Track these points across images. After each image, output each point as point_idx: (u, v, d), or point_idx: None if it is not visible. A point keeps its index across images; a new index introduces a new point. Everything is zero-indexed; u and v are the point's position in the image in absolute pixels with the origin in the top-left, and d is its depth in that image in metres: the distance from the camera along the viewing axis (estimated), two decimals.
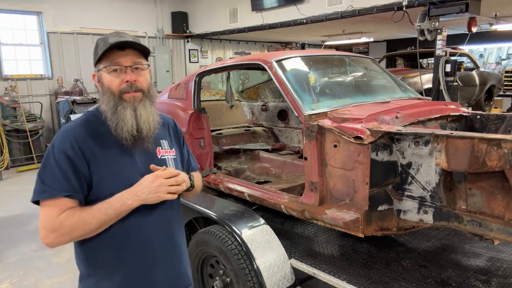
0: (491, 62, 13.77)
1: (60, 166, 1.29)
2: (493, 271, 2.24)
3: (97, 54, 1.37)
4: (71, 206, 1.30)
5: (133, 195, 1.30)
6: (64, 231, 1.28)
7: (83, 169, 1.31)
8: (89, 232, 1.30)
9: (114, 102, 1.36)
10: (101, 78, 1.39)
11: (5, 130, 7.77)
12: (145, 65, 1.42)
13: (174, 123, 1.66)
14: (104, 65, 1.37)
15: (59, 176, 1.29)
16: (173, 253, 1.51)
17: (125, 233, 1.37)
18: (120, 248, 1.38)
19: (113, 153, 1.37)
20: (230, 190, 3.06)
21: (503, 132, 2.63)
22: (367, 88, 3.17)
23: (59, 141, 1.33)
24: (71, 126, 1.38)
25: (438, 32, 6.08)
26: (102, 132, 1.37)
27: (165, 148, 1.51)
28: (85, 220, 1.27)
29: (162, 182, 1.32)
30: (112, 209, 1.29)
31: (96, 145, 1.35)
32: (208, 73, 3.50)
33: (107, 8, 9.74)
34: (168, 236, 1.49)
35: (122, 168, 1.37)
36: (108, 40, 1.36)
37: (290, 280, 2.36)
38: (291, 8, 8.14)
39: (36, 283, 3.56)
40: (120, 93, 1.36)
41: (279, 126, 4.43)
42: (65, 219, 1.27)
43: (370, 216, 2.16)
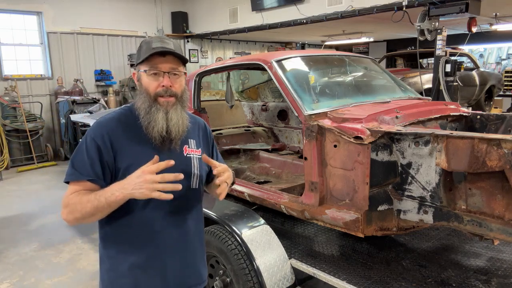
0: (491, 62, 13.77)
1: (88, 153, 1.40)
2: (493, 271, 2.24)
3: (140, 56, 1.48)
4: (91, 189, 1.39)
5: (120, 187, 1.32)
6: (70, 210, 1.37)
7: (109, 158, 1.41)
8: (86, 215, 1.36)
9: (149, 103, 1.45)
10: (140, 78, 1.49)
11: (5, 130, 7.77)
12: (182, 72, 1.50)
13: (205, 125, 1.73)
14: (145, 68, 1.46)
15: (86, 162, 1.40)
16: (185, 248, 1.55)
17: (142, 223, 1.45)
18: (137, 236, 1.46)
19: (141, 148, 1.46)
20: (230, 190, 3.06)
21: (503, 132, 2.63)
22: (367, 88, 3.17)
23: (93, 131, 1.45)
24: (106, 119, 1.49)
25: (438, 32, 6.08)
26: (134, 127, 1.47)
27: (191, 147, 1.58)
28: (82, 203, 1.35)
29: (146, 179, 1.27)
30: (104, 197, 1.33)
31: (125, 138, 1.45)
32: (208, 73, 3.50)
33: (107, 8, 9.73)
34: (181, 231, 1.54)
35: (147, 161, 1.38)
36: (151, 45, 1.45)
37: (290, 280, 2.36)
38: (291, 8, 8.14)
39: (36, 283, 3.56)
40: (156, 95, 1.45)
41: (279, 126, 4.43)
42: (72, 198, 1.38)
43: (370, 216, 2.16)
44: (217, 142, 4.02)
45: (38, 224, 4.96)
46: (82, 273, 3.70)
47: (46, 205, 5.58)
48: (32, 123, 8.14)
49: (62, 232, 4.63)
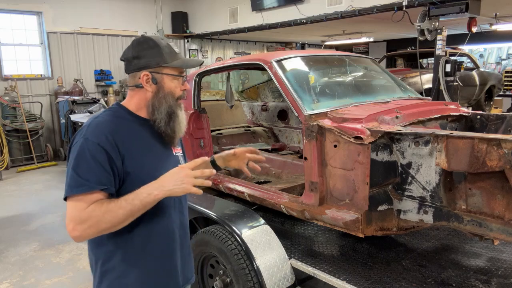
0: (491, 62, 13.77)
1: (96, 159, 1.32)
2: (493, 271, 2.24)
3: (165, 59, 1.47)
4: (102, 198, 1.32)
5: (159, 185, 1.32)
6: (92, 223, 1.28)
7: (117, 162, 1.36)
8: (116, 224, 1.31)
9: (172, 105, 1.50)
10: (161, 82, 1.48)
11: (5, 130, 7.77)
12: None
13: None
14: (172, 72, 1.49)
15: (96, 169, 1.31)
16: (187, 242, 1.65)
17: (152, 223, 1.45)
18: (147, 239, 1.45)
19: (145, 147, 1.46)
20: (230, 190, 3.06)
21: (503, 132, 2.63)
22: (367, 88, 3.17)
23: (93, 135, 1.36)
24: (102, 121, 1.42)
25: (438, 32, 6.08)
26: (132, 127, 1.46)
27: (176, 146, 1.62)
28: (112, 211, 1.29)
29: (187, 173, 1.32)
30: (139, 199, 1.30)
31: (128, 139, 1.42)
32: (208, 73, 3.50)
33: (107, 8, 9.74)
34: (184, 225, 1.61)
35: (153, 163, 1.45)
36: (172, 48, 1.50)
37: (290, 280, 2.36)
38: (291, 8, 8.14)
39: (36, 283, 3.56)
40: (178, 98, 1.52)
41: (279, 126, 4.43)
42: (93, 211, 1.28)
43: (370, 216, 2.16)
44: (217, 142, 4.03)
45: (38, 224, 4.95)
46: (82, 273, 3.70)
47: (46, 205, 5.58)
48: (32, 123, 8.13)
49: (62, 232, 4.63)
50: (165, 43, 1.50)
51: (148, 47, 1.47)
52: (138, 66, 1.47)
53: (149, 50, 1.47)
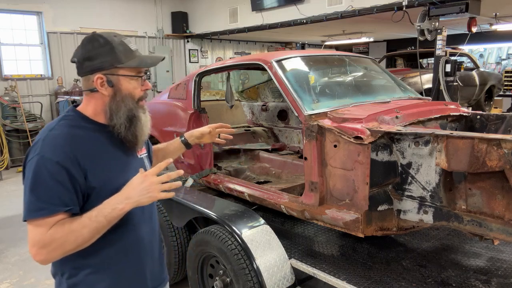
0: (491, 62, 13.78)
1: (56, 179, 1.21)
2: (493, 271, 2.24)
3: (119, 59, 1.33)
4: (65, 217, 1.23)
5: (124, 198, 1.25)
6: (56, 245, 1.20)
7: (80, 179, 1.25)
8: (82, 243, 1.24)
9: (133, 108, 1.38)
10: (117, 84, 1.35)
11: (5, 130, 7.76)
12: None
13: None
14: (128, 72, 1.36)
15: (56, 190, 1.21)
16: (158, 248, 1.58)
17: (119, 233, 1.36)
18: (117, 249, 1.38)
19: (107, 158, 1.35)
20: (230, 190, 3.06)
21: (503, 132, 2.63)
22: (367, 88, 3.17)
23: (50, 150, 1.24)
24: (57, 134, 1.29)
25: (438, 32, 6.08)
26: (91, 137, 1.34)
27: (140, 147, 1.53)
28: (76, 231, 1.21)
29: (152, 181, 1.25)
30: (103, 215, 1.23)
31: (89, 152, 1.30)
32: (208, 73, 3.50)
33: (107, 8, 9.74)
34: (153, 231, 1.54)
35: (118, 173, 1.36)
36: (127, 46, 1.36)
37: (290, 280, 2.36)
38: (291, 8, 8.14)
39: (36, 283, 3.56)
40: (139, 100, 1.40)
41: (279, 126, 4.43)
42: (55, 233, 1.20)
43: (370, 216, 2.16)
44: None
45: None
46: None
47: None
48: (32, 123, 8.13)
49: None
50: (119, 41, 1.36)
51: (99, 45, 1.34)
52: (91, 68, 1.33)
53: (101, 49, 1.33)
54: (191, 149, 3.37)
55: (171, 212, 3.03)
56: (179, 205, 2.94)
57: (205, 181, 3.30)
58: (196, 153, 3.36)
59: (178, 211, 2.97)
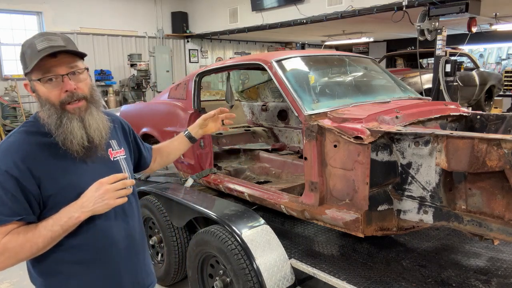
0: (491, 62, 13.78)
1: (6, 189, 1.18)
2: (493, 271, 2.24)
3: (26, 64, 1.24)
4: (19, 226, 1.21)
5: (79, 207, 1.21)
6: (10, 254, 1.18)
7: (32, 189, 1.21)
8: (37, 252, 1.22)
9: (57, 115, 1.25)
10: (35, 90, 1.27)
11: (5, 130, 7.77)
12: (83, 68, 1.31)
13: (120, 120, 1.60)
14: (37, 76, 1.23)
15: (6, 200, 1.18)
16: (139, 253, 1.49)
17: (90, 241, 1.33)
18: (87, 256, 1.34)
19: (64, 164, 1.28)
20: (230, 190, 3.06)
21: (503, 132, 2.63)
22: (367, 88, 3.17)
23: (1, 160, 1.21)
24: (11, 142, 1.26)
25: (438, 32, 6.09)
26: (48, 143, 1.27)
27: (115, 149, 1.46)
28: (31, 241, 1.19)
29: (107, 189, 1.21)
30: (59, 224, 1.20)
31: (43, 159, 1.25)
32: (208, 73, 3.50)
33: (107, 8, 9.74)
34: (133, 239, 1.46)
35: (77, 179, 1.29)
36: (35, 46, 1.22)
37: (290, 280, 2.36)
38: (291, 8, 8.14)
39: None
40: (62, 104, 1.26)
41: (279, 126, 4.43)
42: (8, 242, 1.17)
43: (370, 216, 2.16)
44: (217, 142, 4.03)
45: None
46: None
47: None
48: None
49: None
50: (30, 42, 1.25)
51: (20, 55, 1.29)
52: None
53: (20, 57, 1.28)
54: (191, 149, 3.39)
55: (171, 212, 3.03)
56: (179, 205, 2.94)
57: (205, 181, 3.30)
58: (196, 153, 3.36)
59: (178, 211, 2.97)
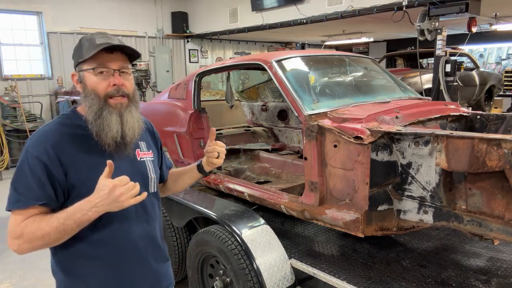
0: (491, 62, 13.78)
1: (34, 174, 1.24)
2: (493, 271, 2.24)
3: (82, 54, 1.32)
4: (42, 212, 1.26)
5: (92, 206, 1.21)
6: (26, 239, 1.25)
7: (59, 176, 1.26)
8: (49, 242, 1.25)
9: (99, 106, 1.31)
10: (84, 79, 1.34)
11: (5, 130, 7.76)
12: (130, 70, 1.40)
13: (151, 125, 1.65)
14: (90, 66, 1.32)
15: (33, 185, 1.24)
16: (155, 254, 1.50)
17: (109, 237, 1.35)
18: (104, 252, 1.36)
19: (92, 158, 1.32)
20: (230, 190, 3.06)
21: (503, 132, 2.63)
22: (367, 88, 3.17)
23: (33, 146, 1.27)
24: (45, 130, 1.33)
25: (438, 32, 6.08)
26: (80, 135, 1.33)
27: (143, 150, 1.49)
28: (43, 230, 1.22)
29: (122, 192, 1.20)
30: (72, 219, 1.22)
31: (73, 150, 1.30)
32: (208, 73, 3.50)
33: (107, 8, 9.74)
34: (152, 239, 1.48)
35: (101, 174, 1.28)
36: (94, 41, 1.31)
37: (290, 280, 2.36)
38: (291, 8, 8.14)
39: (36, 283, 3.56)
40: (106, 96, 1.32)
41: (279, 126, 4.43)
42: (25, 227, 1.23)
43: (370, 216, 2.16)
44: None
45: None
46: None
47: None
48: (32, 123, 8.13)
49: None
50: (89, 37, 1.35)
51: (76, 46, 1.38)
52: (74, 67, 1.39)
53: (76, 49, 1.37)
54: (191, 149, 3.39)
55: (171, 212, 3.03)
56: (179, 205, 2.94)
57: (205, 181, 3.30)
58: (196, 153, 3.36)
59: (178, 211, 2.97)
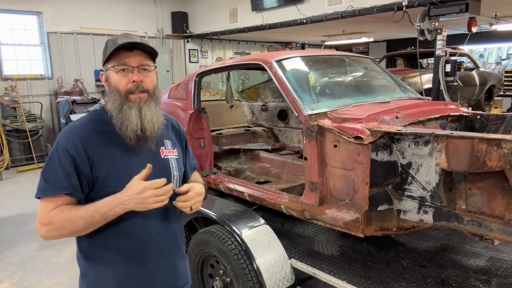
0: (491, 62, 13.78)
1: (62, 165, 1.34)
2: (493, 271, 2.24)
3: (106, 54, 1.42)
4: (69, 203, 1.35)
5: (120, 202, 1.30)
6: (54, 227, 1.33)
7: (85, 169, 1.35)
8: (77, 231, 1.34)
9: (120, 101, 1.40)
10: (108, 78, 1.43)
11: (5, 130, 7.76)
12: (152, 67, 1.46)
13: (177, 124, 1.69)
14: (112, 64, 1.41)
15: (61, 175, 1.33)
16: (175, 252, 1.56)
17: (130, 230, 1.41)
18: (125, 244, 1.42)
19: (118, 151, 1.41)
20: (230, 190, 3.06)
21: (503, 132, 2.63)
22: (367, 88, 3.17)
23: (64, 140, 1.38)
24: (76, 125, 1.43)
25: (438, 32, 6.08)
26: (107, 130, 1.41)
27: (168, 148, 1.54)
28: (72, 220, 1.31)
29: (151, 194, 1.29)
30: (99, 213, 1.30)
31: (100, 144, 1.39)
32: (208, 73, 3.50)
33: (107, 8, 9.73)
34: (171, 236, 1.54)
35: (127, 166, 1.40)
36: (117, 41, 1.41)
37: (290, 280, 2.36)
38: (291, 8, 8.14)
39: (36, 283, 3.56)
40: (127, 92, 1.40)
41: (279, 126, 4.43)
42: (54, 216, 1.32)
43: (370, 216, 2.16)
44: (217, 142, 4.03)
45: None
46: None
47: None
48: (32, 123, 8.13)
49: None
50: (113, 38, 1.44)
51: (103, 48, 1.47)
52: None
53: (103, 50, 1.47)
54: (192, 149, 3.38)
55: None
56: None
57: (205, 181, 3.30)
58: (196, 153, 3.36)
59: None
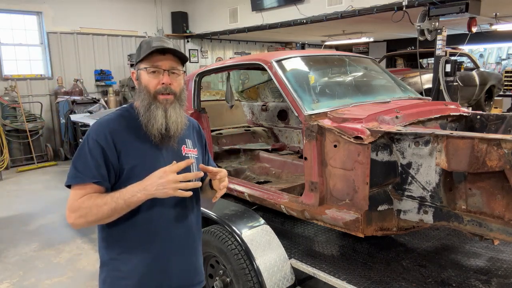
0: (491, 62, 13.77)
1: (92, 155, 1.41)
2: (493, 271, 2.24)
3: (140, 55, 1.51)
4: (97, 191, 1.41)
5: (142, 188, 1.36)
6: (82, 213, 1.38)
7: (113, 159, 1.43)
8: (102, 218, 1.39)
9: (149, 101, 1.48)
10: (140, 77, 1.52)
11: (5, 130, 7.76)
12: (181, 71, 1.54)
13: (198, 126, 1.78)
14: (145, 65, 1.50)
15: (90, 164, 1.41)
16: (191, 248, 1.61)
17: (148, 222, 1.47)
18: (142, 235, 1.48)
19: (144, 146, 1.49)
20: (230, 190, 3.06)
21: (503, 132, 2.63)
22: (367, 88, 3.17)
23: (94, 132, 1.46)
24: (106, 119, 1.51)
25: (438, 32, 6.08)
26: (134, 126, 1.50)
27: (189, 147, 1.62)
28: (98, 206, 1.36)
29: (170, 179, 1.34)
30: (123, 199, 1.36)
31: (127, 137, 1.47)
32: (208, 73, 3.50)
33: (107, 8, 9.73)
34: (187, 231, 1.59)
35: (151, 159, 1.47)
36: (151, 44, 1.49)
37: (290, 280, 2.36)
38: (291, 8, 8.14)
39: (36, 283, 3.56)
40: (155, 93, 1.49)
41: (279, 126, 4.43)
42: (82, 202, 1.38)
43: (370, 216, 2.16)
44: (217, 142, 4.02)
45: (38, 224, 4.95)
46: (82, 273, 3.70)
47: (46, 205, 5.57)
48: (32, 123, 8.13)
49: (62, 232, 4.63)
50: (147, 40, 1.53)
51: (137, 48, 1.56)
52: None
53: (136, 50, 1.57)
54: None
55: None
56: None
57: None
58: None
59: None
